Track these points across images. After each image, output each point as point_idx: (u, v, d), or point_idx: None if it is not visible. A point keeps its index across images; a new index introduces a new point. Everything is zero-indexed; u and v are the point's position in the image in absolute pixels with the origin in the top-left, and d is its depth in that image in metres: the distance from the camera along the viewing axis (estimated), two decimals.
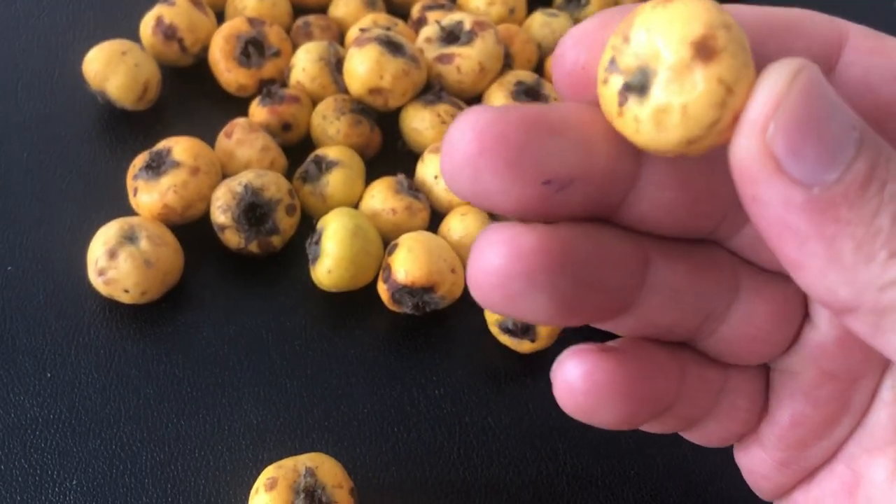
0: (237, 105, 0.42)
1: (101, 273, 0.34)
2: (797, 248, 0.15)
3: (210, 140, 0.38)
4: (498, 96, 0.42)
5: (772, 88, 0.14)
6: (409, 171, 0.40)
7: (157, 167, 0.36)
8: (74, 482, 0.31)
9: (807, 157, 0.15)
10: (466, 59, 0.42)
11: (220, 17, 0.45)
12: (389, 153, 0.42)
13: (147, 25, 0.42)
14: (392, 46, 0.40)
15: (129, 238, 0.34)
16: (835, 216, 0.15)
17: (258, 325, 0.36)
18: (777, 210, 0.15)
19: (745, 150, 0.15)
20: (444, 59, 0.42)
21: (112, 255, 0.34)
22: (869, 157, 0.15)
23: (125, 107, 0.41)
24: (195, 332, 0.36)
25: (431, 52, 0.42)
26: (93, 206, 0.39)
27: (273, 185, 0.36)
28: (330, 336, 0.36)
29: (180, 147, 0.36)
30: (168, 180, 0.36)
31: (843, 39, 0.17)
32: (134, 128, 0.42)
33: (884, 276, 0.14)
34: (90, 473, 0.32)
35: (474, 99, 0.43)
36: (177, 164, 0.36)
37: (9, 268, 0.36)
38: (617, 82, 0.15)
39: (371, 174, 0.40)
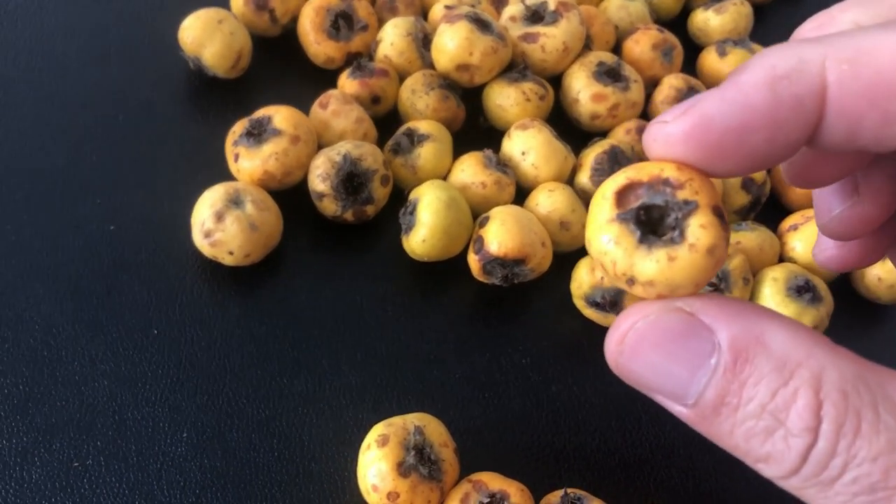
0: (324, 76, 0.43)
1: (207, 235, 0.35)
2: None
3: (298, 108, 0.39)
4: (580, 76, 0.43)
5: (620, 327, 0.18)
6: (490, 145, 0.41)
7: (258, 134, 0.37)
8: (185, 435, 0.33)
9: (662, 383, 0.18)
10: (551, 39, 0.42)
11: None
12: (471, 128, 0.43)
13: None
14: (481, 24, 0.41)
15: (235, 202, 0.35)
16: (708, 426, 0.18)
17: (352, 291, 0.37)
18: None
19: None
20: (529, 37, 0.43)
21: (219, 217, 0.35)
22: (718, 386, 0.17)
23: (217, 74, 0.42)
24: (293, 294, 0.37)
25: (516, 31, 0.43)
26: (188, 169, 0.40)
27: (370, 155, 0.37)
28: (420, 303, 0.38)
29: (280, 115, 0.37)
30: (270, 147, 0.37)
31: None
32: (224, 94, 0.43)
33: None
34: (199, 427, 0.33)
35: (556, 77, 0.44)
36: (278, 132, 0.37)
37: (111, 227, 0.37)
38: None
39: (455, 148, 0.41)
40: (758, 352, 0.17)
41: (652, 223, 0.18)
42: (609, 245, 0.18)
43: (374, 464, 0.30)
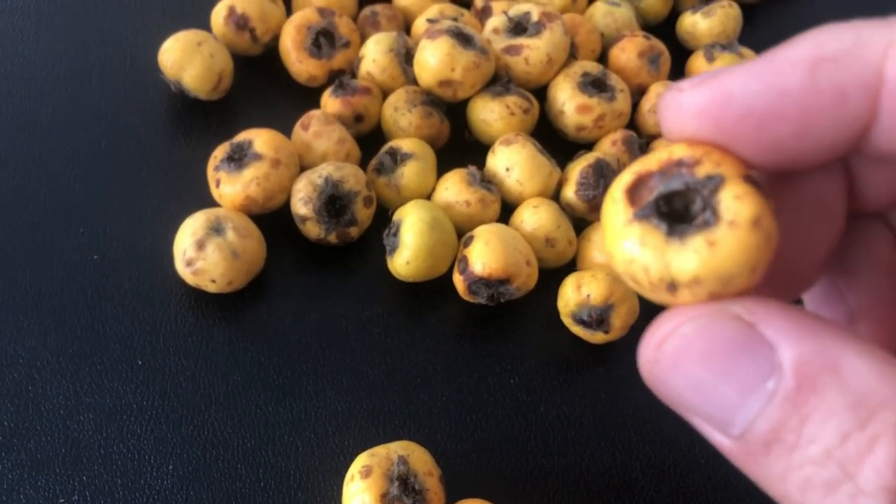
0: (307, 95, 0.43)
1: (189, 263, 0.35)
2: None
3: (281, 128, 0.39)
4: (564, 87, 0.42)
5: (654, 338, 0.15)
6: (476, 161, 0.41)
7: (239, 159, 0.37)
8: (171, 467, 0.33)
9: (705, 404, 0.15)
10: (535, 51, 0.42)
11: (288, 7, 0.45)
12: (456, 144, 0.43)
13: (219, 15, 0.42)
14: (463, 39, 0.40)
15: (216, 229, 0.35)
16: (755, 465, 0.14)
17: (338, 314, 0.37)
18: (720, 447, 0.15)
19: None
20: (512, 50, 0.42)
21: (200, 246, 0.35)
22: (773, 416, 0.14)
23: (199, 96, 0.41)
24: (278, 319, 0.37)
25: (499, 44, 0.43)
26: (171, 194, 0.39)
27: (352, 177, 0.37)
28: (406, 325, 0.37)
29: (261, 139, 0.37)
30: (251, 172, 0.36)
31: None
32: (207, 117, 0.42)
33: None
34: (185, 458, 0.33)
35: (541, 89, 0.44)
36: (259, 157, 0.37)
37: (95, 256, 0.37)
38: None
39: (441, 166, 0.40)
40: (829, 381, 0.13)
41: (677, 214, 0.15)
42: (634, 250, 0.15)
43: (358, 496, 0.30)
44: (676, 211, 0.15)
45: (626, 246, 0.15)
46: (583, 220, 0.40)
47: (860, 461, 0.13)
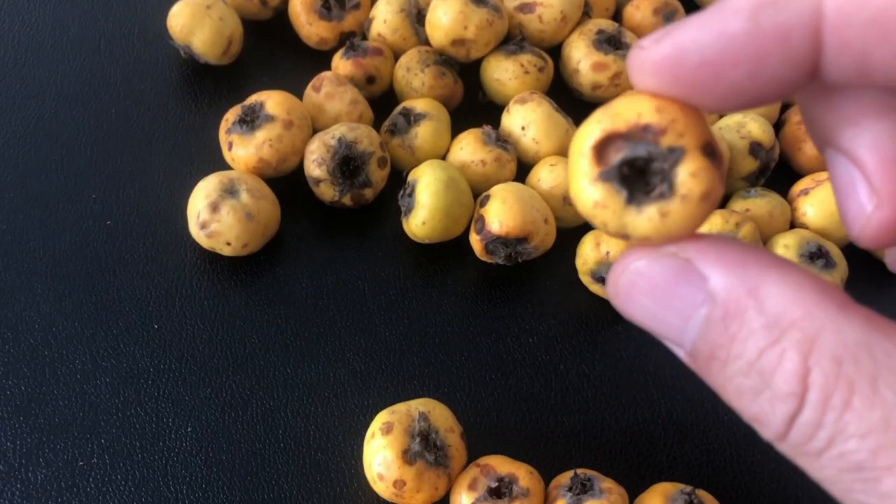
0: (317, 58, 0.42)
1: (203, 226, 0.35)
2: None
3: (293, 92, 0.38)
4: (579, 45, 0.42)
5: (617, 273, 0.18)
6: (491, 121, 0.40)
7: (250, 121, 0.37)
8: (189, 429, 0.32)
9: (658, 328, 0.17)
10: (548, 9, 0.41)
11: None
12: (471, 105, 0.42)
13: None
14: None
15: (230, 191, 0.35)
16: (706, 375, 0.17)
17: (354, 276, 0.37)
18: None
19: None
20: (526, 8, 0.42)
21: (214, 208, 0.34)
22: (707, 338, 0.16)
23: (209, 61, 0.41)
24: (294, 282, 0.36)
25: (512, 2, 0.42)
26: (184, 159, 0.39)
27: (365, 138, 0.37)
28: (423, 286, 0.37)
29: (272, 101, 0.37)
30: (263, 134, 0.36)
31: None
32: (217, 82, 0.42)
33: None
34: (203, 421, 0.33)
35: (555, 48, 0.43)
36: (271, 118, 0.36)
37: (108, 222, 0.37)
38: None
39: (455, 126, 0.40)
40: (749, 305, 0.16)
41: (636, 174, 0.17)
42: (596, 209, 0.17)
43: (379, 452, 0.30)
44: (636, 169, 0.17)
45: (589, 201, 0.17)
46: None
47: (773, 372, 0.15)
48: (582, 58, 0.41)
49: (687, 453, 0.34)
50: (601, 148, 0.17)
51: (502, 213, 0.35)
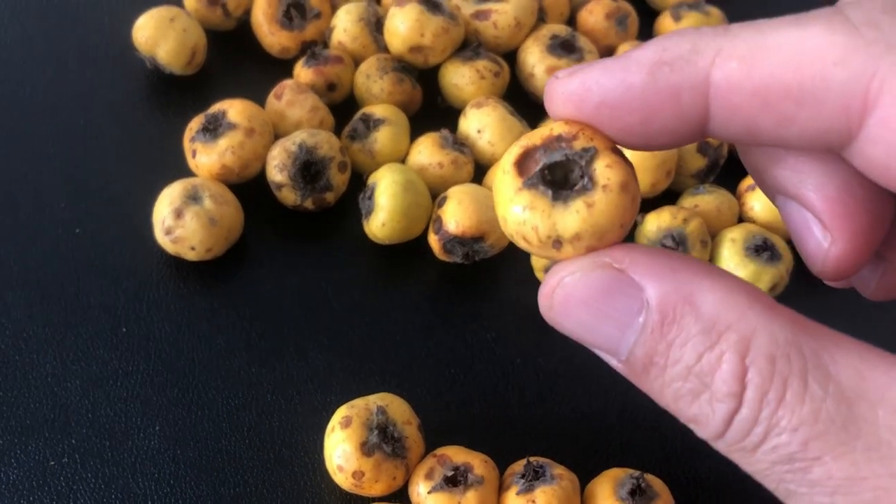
0: (280, 67, 0.44)
1: (168, 232, 0.36)
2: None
3: (257, 101, 0.40)
4: (534, 50, 0.43)
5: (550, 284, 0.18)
6: (450, 125, 0.41)
7: (213, 129, 0.38)
8: (157, 428, 0.34)
9: (594, 339, 0.18)
10: (503, 15, 0.43)
11: None
12: (430, 109, 0.44)
13: None
14: (431, 5, 0.41)
15: (193, 198, 0.36)
16: (641, 382, 0.18)
17: (317, 278, 0.38)
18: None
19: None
20: (481, 15, 0.43)
21: (178, 214, 0.36)
22: (645, 345, 0.17)
23: (174, 71, 0.42)
24: (259, 285, 0.37)
25: (467, 9, 0.43)
26: (150, 168, 0.40)
27: (325, 143, 0.38)
28: (384, 286, 0.38)
29: (235, 109, 0.38)
30: (225, 142, 0.37)
31: (868, 108, 0.15)
32: (183, 92, 0.43)
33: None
34: (171, 420, 0.34)
35: (511, 53, 0.44)
36: (233, 126, 0.37)
37: (77, 230, 0.38)
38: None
39: (414, 130, 0.41)
40: (686, 312, 0.16)
41: (559, 181, 0.18)
42: (525, 213, 0.18)
43: (339, 445, 0.31)
44: (558, 179, 0.18)
45: (517, 210, 0.18)
46: None
47: (712, 374, 0.16)
48: (536, 62, 0.43)
49: (639, 441, 0.35)
50: (522, 163, 0.18)
51: (458, 213, 0.36)
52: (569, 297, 0.18)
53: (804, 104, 0.16)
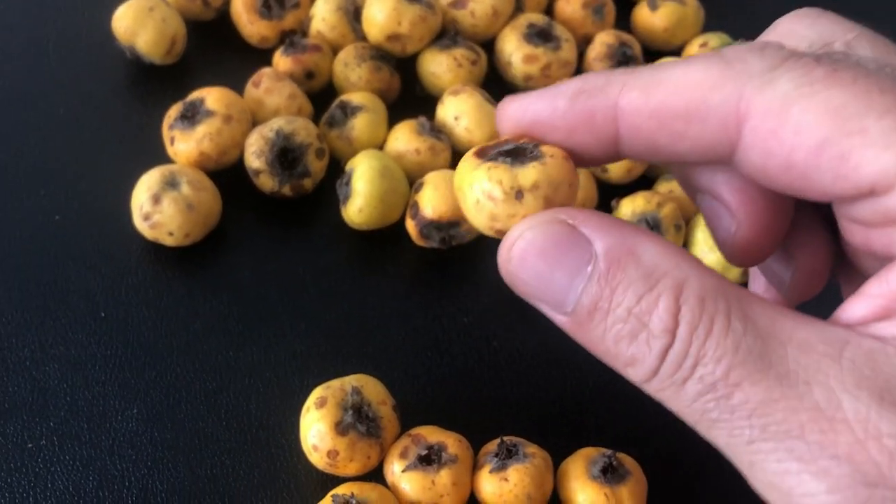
0: (259, 56, 0.44)
1: (146, 217, 0.36)
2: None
3: (236, 90, 0.40)
4: (511, 39, 0.44)
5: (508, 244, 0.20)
6: (428, 113, 0.42)
7: (191, 117, 0.38)
8: (135, 411, 0.34)
9: (545, 290, 0.20)
10: (480, 4, 0.43)
11: None
12: (408, 97, 0.44)
13: None
14: None
15: (171, 184, 0.36)
16: (584, 333, 0.20)
17: (295, 263, 0.38)
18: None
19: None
20: (458, 4, 0.44)
21: (156, 200, 0.36)
22: (592, 291, 0.19)
23: (153, 61, 0.42)
24: (236, 271, 0.38)
25: None
26: (129, 156, 0.41)
27: (303, 129, 0.38)
28: (362, 271, 0.39)
29: (213, 97, 0.38)
30: (203, 129, 0.38)
31: (740, 121, 0.19)
32: (162, 81, 0.43)
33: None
34: (149, 402, 0.34)
35: (488, 42, 0.45)
36: (210, 113, 0.38)
37: (56, 217, 0.38)
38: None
39: (392, 118, 0.42)
40: (629, 261, 0.19)
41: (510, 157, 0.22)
42: (489, 173, 0.21)
43: (314, 425, 0.31)
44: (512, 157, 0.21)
45: (481, 175, 0.21)
46: None
47: (650, 313, 0.18)
48: (514, 51, 0.43)
49: (613, 422, 0.36)
50: (481, 151, 0.22)
51: (435, 198, 0.37)
52: (527, 248, 0.20)
53: (691, 122, 0.20)
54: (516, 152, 0.21)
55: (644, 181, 0.42)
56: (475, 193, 0.21)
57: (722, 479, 0.35)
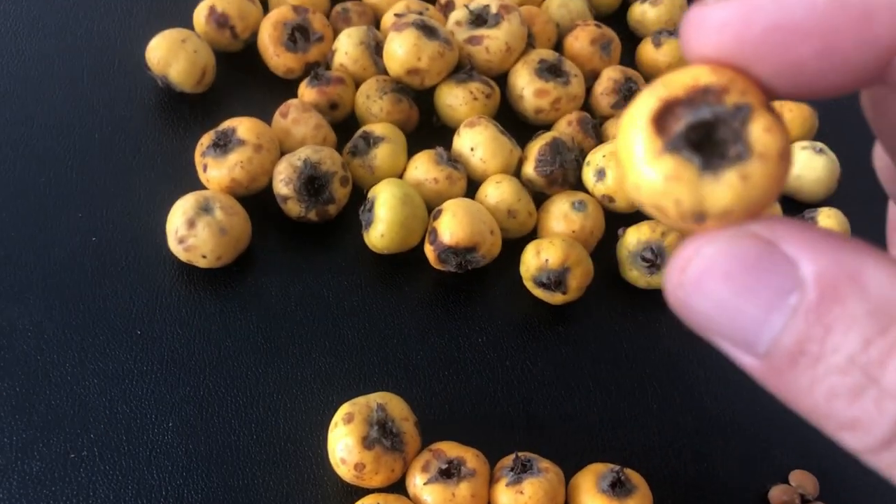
0: (285, 87, 0.46)
1: (181, 241, 0.38)
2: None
3: (262, 118, 0.42)
4: (523, 74, 0.46)
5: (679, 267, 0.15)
6: (445, 143, 0.44)
7: (223, 145, 0.40)
8: (171, 424, 0.36)
9: (730, 324, 0.15)
10: (494, 41, 0.46)
11: (265, 5, 0.49)
12: (426, 128, 0.46)
13: (200, 14, 0.46)
14: (427, 30, 0.44)
15: (205, 209, 0.39)
16: (781, 381, 0.15)
17: (319, 285, 0.41)
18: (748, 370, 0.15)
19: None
20: (474, 40, 0.46)
21: (191, 224, 0.38)
22: (797, 329, 0.14)
23: (184, 90, 0.45)
24: (264, 291, 0.40)
25: (461, 35, 0.46)
26: (162, 181, 0.43)
27: (329, 159, 0.41)
28: (383, 293, 0.41)
29: (244, 127, 0.40)
30: (235, 157, 0.40)
31: None
32: (193, 109, 0.46)
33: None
34: (184, 416, 0.36)
35: (501, 76, 0.47)
36: (242, 142, 0.40)
37: (93, 238, 0.40)
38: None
39: (412, 148, 0.44)
40: (850, 291, 0.14)
41: (702, 143, 0.15)
42: (667, 184, 0.15)
43: (342, 439, 0.33)
44: (702, 139, 0.15)
45: (657, 178, 0.15)
46: (542, 194, 0.44)
47: (883, 365, 0.13)
48: (525, 85, 0.46)
49: (619, 438, 0.38)
50: (660, 120, 0.15)
51: (453, 225, 0.39)
52: (708, 270, 0.15)
53: None
54: (708, 132, 0.15)
55: None
56: (644, 193, 0.15)
57: (723, 495, 0.38)
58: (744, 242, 0.15)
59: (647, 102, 0.15)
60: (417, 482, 0.34)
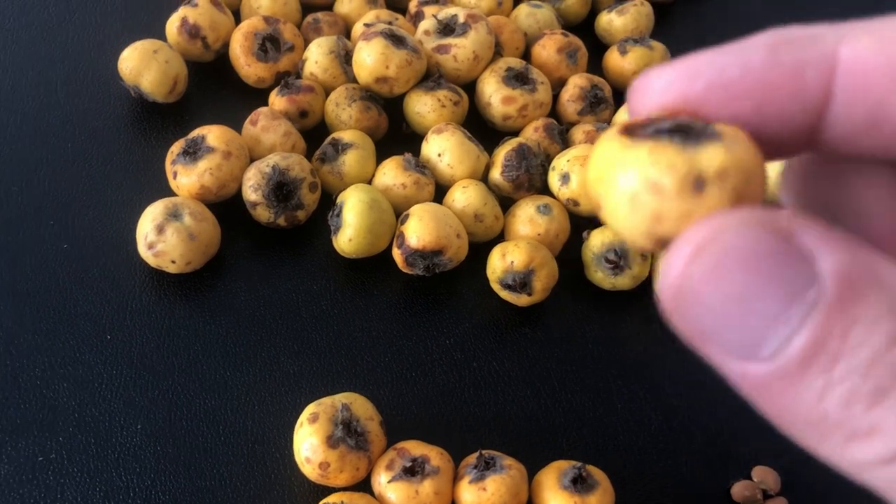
0: (256, 95, 0.47)
1: (150, 246, 0.39)
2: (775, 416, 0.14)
3: (234, 127, 0.43)
4: (490, 81, 0.47)
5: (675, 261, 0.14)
6: (414, 150, 0.45)
7: (193, 153, 0.41)
8: (139, 426, 0.36)
9: (735, 323, 0.13)
10: (462, 49, 0.46)
11: (236, 16, 0.49)
12: (395, 135, 0.47)
13: (172, 25, 0.46)
14: (395, 39, 0.45)
15: (174, 215, 0.39)
16: (783, 390, 0.13)
17: (289, 289, 0.41)
18: (735, 382, 0.14)
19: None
20: (442, 49, 0.47)
21: (160, 230, 0.39)
22: (817, 326, 0.13)
23: (157, 100, 0.45)
24: (234, 296, 0.41)
25: (430, 44, 0.47)
26: (133, 188, 0.43)
27: (297, 165, 0.41)
28: (352, 297, 0.41)
29: (213, 134, 0.41)
30: (204, 164, 0.40)
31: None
32: (165, 118, 0.46)
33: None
34: (152, 419, 0.37)
35: (470, 84, 0.48)
36: (211, 150, 0.41)
37: (65, 245, 0.41)
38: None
39: (380, 154, 0.45)
40: (872, 287, 0.13)
41: (674, 132, 0.15)
42: (651, 156, 0.14)
43: (307, 439, 0.34)
44: (673, 131, 0.15)
45: (639, 158, 0.15)
46: (508, 199, 0.44)
47: None
48: (493, 92, 0.47)
49: (584, 437, 0.39)
50: (629, 130, 0.15)
51: (419, 229, 0.40)
52: (726, 256, 0.13)
53: None
54: (682, 131, 0.15)
55: None
56: (630, 184, 0.14)
57: (687, 491, 0.38)
58: (760, 230, 0.13)
59: (614, 127, 0.16)
60: (382, 480, 0.34)
